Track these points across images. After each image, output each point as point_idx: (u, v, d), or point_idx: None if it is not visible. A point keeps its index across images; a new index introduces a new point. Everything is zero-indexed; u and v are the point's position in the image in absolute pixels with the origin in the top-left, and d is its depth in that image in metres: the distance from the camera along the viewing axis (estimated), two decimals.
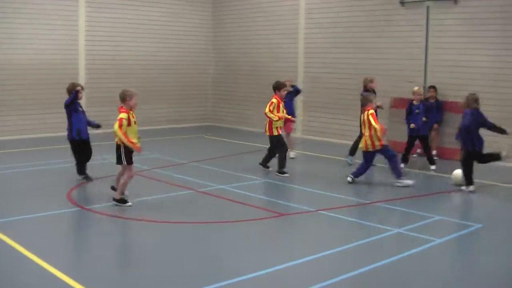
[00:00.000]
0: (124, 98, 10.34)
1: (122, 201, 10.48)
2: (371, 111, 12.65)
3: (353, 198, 11.49)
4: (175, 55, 22.36)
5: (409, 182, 12.60)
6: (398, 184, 12.49)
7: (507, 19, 15.45)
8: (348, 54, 18.87)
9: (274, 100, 13.68)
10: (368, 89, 15.00)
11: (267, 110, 13.56)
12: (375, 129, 12.38)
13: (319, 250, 8.22)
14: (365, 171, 12.88)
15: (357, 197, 11.55)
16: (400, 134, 17.34)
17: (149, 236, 9.05)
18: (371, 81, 15.21)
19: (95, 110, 19.05)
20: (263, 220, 9.81)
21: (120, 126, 10.17)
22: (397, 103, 17.49)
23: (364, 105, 13.06)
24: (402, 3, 17.46)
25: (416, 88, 14.79)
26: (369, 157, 12.77)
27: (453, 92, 16.29)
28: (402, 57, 17.60)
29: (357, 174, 12.81)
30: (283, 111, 13.74)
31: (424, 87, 16.80)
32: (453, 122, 16.20)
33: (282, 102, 13.89)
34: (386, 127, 14.29)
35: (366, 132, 12.59)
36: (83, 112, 12.55)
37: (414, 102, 14.62)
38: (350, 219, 10.02)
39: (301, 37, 20.22)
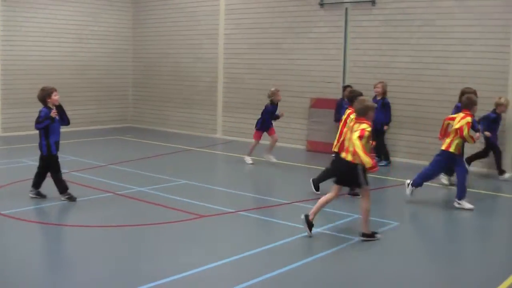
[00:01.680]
0: None
1: (372, 235, 8.96)
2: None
3: (274, 198, 11.49)
4: (94, 55, 21.90)
5: None
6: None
7: (424, 21, 15.80)
8: (267, 55, 18.92)
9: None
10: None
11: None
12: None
13: (239, 251, 8.17)
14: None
15: (277, 197, 11.54)
16: (320, 135, 17.55)
17: (67, 240, 8.82)
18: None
19: (10, 112, 18.51)
20: (183, 222, 9.68)
21: (361, 137, 8.55)
22: (316, 103, 17.65)
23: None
24: (321, 5, 17.63)
25: (502, 100, 13.99)
26: None
27: (373, 92, 16.54)
28: (321, 58, 17.76)
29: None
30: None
31: (343, 87, 17.01)
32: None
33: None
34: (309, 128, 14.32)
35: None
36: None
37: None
38: (270, 219, 10.03)
39: (221, 38, 20.15)
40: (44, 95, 10.63)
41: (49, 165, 10.75)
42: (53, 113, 10.45)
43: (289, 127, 18.38)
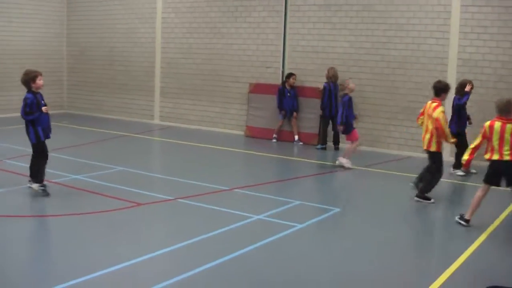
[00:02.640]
0: None
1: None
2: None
3: (213, 185, 11.23)
4: (26, 40, 21.08)
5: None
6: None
7: (364, 6, 15.76)
8: (206, 39, 18.60)
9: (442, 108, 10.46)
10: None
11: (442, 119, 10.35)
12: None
13: (177, 240, 7.90)
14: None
15: (216, 184, 11.30)
16: (257, 121, 17.39)
17: None
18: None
19: None
20: (120, 210, 9.34)
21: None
22: (255, 88, 17.47)
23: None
24: None
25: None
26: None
27: (312, 77, 16.48)
28: (260, 42, 17.57)
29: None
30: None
31: (282, 72, 16.90)
32: (311, 108, 16.44)
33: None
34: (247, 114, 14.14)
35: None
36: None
37: None
38: (210, 206, 9.75)
39: (159, 22, 19.71)
40: (28, 79, 10.21)
41: (42, 151, 10.17)
42: (45, 109, 10.01)
43: (228, 112, 18.17)
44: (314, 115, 16.53)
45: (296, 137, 16.56)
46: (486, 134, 8.79)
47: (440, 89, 10.52)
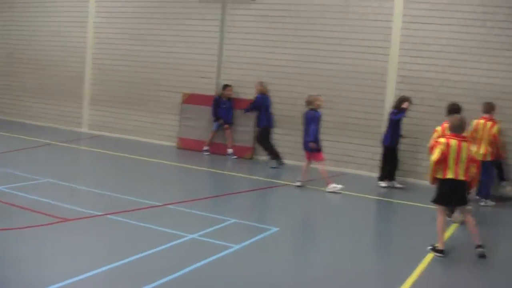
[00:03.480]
0: None
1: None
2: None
3: (144, 200, 10.64)
4: None
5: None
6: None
7: (304, 19, 15.54)
8: (140, 46, 18.00)
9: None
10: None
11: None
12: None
13: (104, 262, 7.24)
14: None
15: (147, 199, 10.72)
16: (190, 132, 16.90)
17: None
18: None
19: None
20: (44, 226, 8.64)
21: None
22: (189, 99, 16.97)
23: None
24: None
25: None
26: None
27: (248, 89, 16.11)
28: (196, 52, 17.11)
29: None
30: None
31: (218, 83, 16.51)
32: (247, 120, 16.07)
33: None
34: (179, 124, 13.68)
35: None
36: None
37: None
38: (141, 224, 9.15)
39: (90, 26, 18.98)
40: None
41: None
42: None
43: (160, 122, 17.62)
44: (249, 127, 16.17)
45: (230, 150, 16.16)
46: (444, 151, 8.52)
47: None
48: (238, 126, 16.35)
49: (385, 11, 14.66)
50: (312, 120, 12.67)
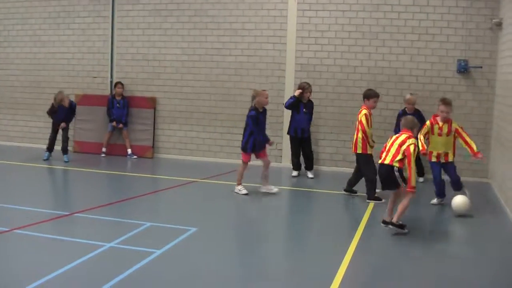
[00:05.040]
0: None
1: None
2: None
3: (50, 210, 10.02)
4: None
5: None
6: None
7: (196, 11, 15.24)
8: (25, 48, 17.09)
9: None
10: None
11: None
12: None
13: (21, 283, 6.57)
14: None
15: (53, 209, 10.10)
16: (86, 135, 16.25)
17: None
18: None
19: None
20: None
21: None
22: (82, 100, 16.26)
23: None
24: None
25: (408, 96, 12.88)
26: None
27: (143, 87, 15.65)
28: (86, 50, 16.43)
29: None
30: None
31: (111, 82, 15.93)
32: (143, 118, 15.61)
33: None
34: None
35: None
36: None
37: (407, 110, 12.66)
38: (54, 236, 8.52)
39: None
40: None
41: None
42: None
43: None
44: (147, 126, 15.72)
45: (129, 151, 15.67)
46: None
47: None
48: (136, 124, 15.85)
49: None
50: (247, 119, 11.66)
